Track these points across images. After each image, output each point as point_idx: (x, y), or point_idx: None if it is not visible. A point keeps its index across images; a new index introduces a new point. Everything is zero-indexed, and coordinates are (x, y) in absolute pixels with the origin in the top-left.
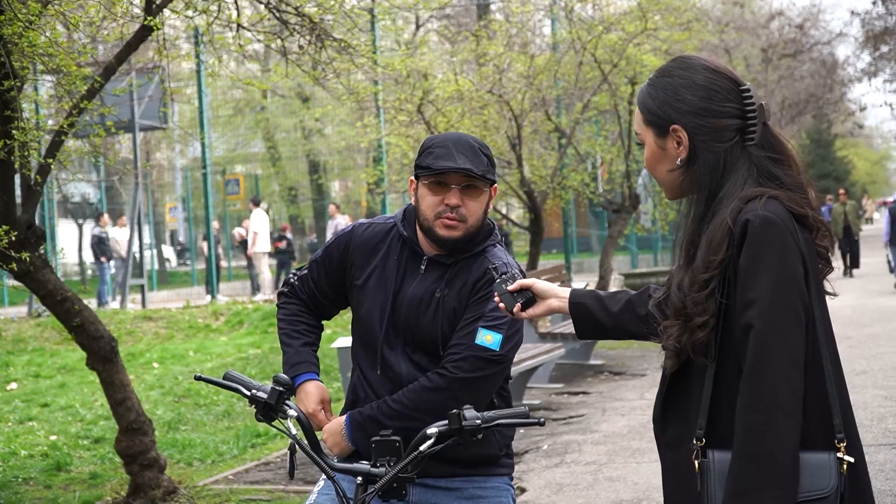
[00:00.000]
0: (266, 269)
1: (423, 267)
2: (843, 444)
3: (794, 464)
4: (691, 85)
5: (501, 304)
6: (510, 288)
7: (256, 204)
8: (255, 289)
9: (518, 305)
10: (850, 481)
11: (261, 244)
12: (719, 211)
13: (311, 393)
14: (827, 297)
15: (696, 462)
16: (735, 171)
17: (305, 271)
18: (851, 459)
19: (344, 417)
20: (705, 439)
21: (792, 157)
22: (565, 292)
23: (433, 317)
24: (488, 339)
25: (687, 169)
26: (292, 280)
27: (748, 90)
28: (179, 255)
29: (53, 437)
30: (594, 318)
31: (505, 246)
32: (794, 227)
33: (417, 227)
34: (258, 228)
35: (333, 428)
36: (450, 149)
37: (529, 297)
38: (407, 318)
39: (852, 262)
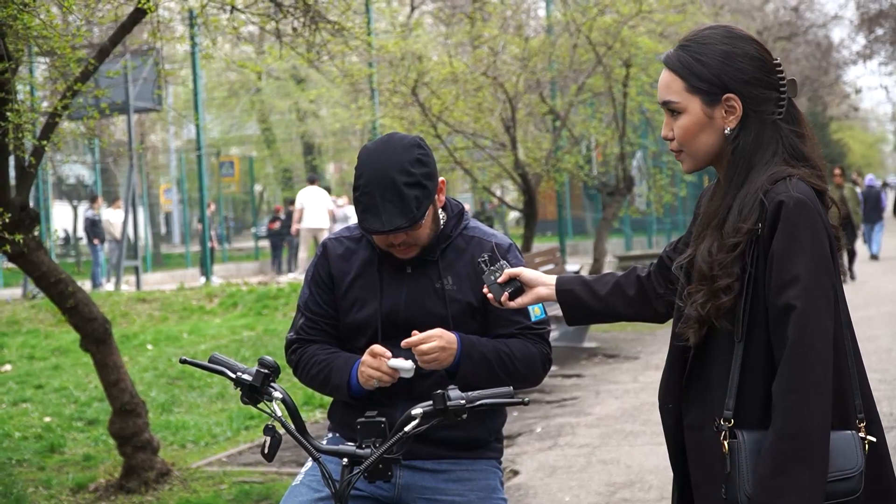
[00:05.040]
0: (306, 249)
1: (409, 269)
2: (863, 424)
3: (827, 443)
4: (744, 55)
5: (490, 295)
6: (499, 280)
7: (311, 182)
8: (285, 268)
9: (506, 295)
10: (872, 461)
11: (308, 220)
12: (748, 182)
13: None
14: None
15: (726, 443)
16: (768, 144)
17: (303, 319)
18: (874, 439)
19: (456, 338)
20: (733, 420)
21: (812, 135)
22: (552, 280)
23: (439, 307)
24: (536, 311)
25: (734, 138)
26: (293, 336)
27: (780, 64)
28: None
29: (47, 419)
30: (582, 304)
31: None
32: (820, 206)
33: None
34: (302, 205)
35: (448, 337)
36: (375, 199)
37: (518, 287)
38: (411, 317)
39: (850, 262)
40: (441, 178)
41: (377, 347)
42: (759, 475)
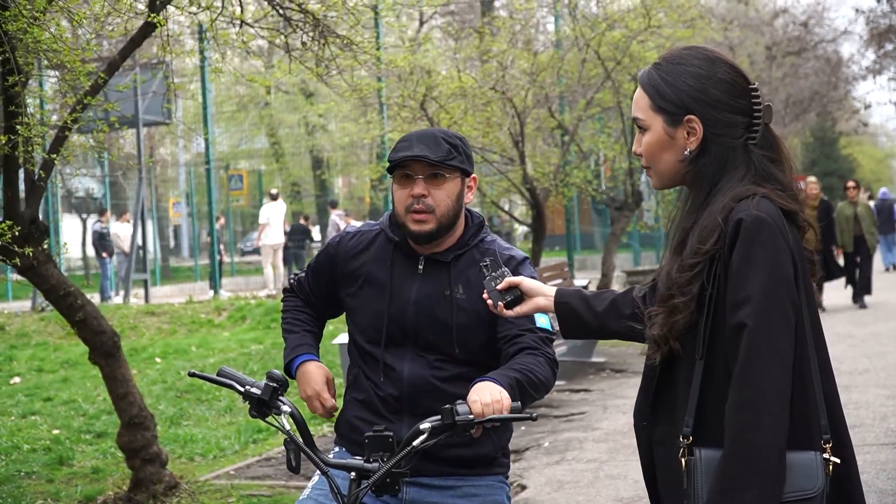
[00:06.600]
0: (269, 265)
1: (420, 267)
2: (829, 445)
3: (780, 463)
4: (712, 77)
5: (489, 301)
6: (499, 287)
7: (274, 199)
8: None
9: (502, 304)
10: (836, 483)
11: (269, 236)
12: (711, 203)
13: (313, 373)
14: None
15: (683, 460)
16: (736, 167)
17: (303, 274)
18: (837, 460)
19: (493, 383)
20: (692, 437)
21: (788, 160)
22: (551, 291)
23: (446, 315)
24: (542, 320)
25: (694, 160)
26: (293, 280)
27: (756, 89)
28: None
29: (56, 432)
30: (579, 318)
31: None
32: (785, 226)
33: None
34: (268, 220)
35: (491, 386)
36: (411, 141)
37: (517, 296)
38: (418, 320)
39: (863, 286)
40: (473, 175)
41: (325, 399)
42: (709, 493)
